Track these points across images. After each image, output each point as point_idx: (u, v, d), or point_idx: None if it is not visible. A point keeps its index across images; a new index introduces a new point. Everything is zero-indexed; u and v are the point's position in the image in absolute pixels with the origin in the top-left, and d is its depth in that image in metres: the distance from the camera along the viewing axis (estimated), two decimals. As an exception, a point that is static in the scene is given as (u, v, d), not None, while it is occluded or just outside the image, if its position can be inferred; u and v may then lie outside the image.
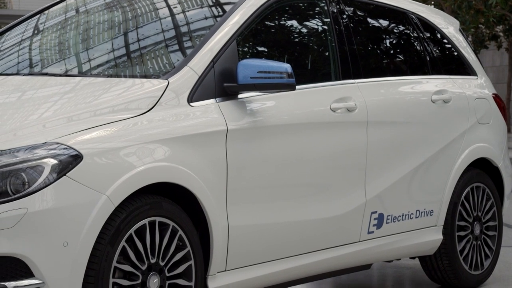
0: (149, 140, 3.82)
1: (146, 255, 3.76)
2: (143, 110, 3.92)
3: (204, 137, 4.00)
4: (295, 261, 4.42)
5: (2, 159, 3.50)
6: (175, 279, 3.87)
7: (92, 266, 3.57)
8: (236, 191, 4.11)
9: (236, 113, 4.16)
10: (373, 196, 4.76)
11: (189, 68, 4.12)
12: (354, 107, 4.70)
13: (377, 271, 5.92)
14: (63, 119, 3.76)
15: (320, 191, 4.52)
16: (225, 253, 4.06)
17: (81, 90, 4.08)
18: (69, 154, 3.58)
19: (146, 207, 3.76)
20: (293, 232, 4.38)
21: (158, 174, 3.80)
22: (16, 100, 4.04)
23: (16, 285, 3.43)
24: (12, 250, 3.42)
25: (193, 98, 4.08)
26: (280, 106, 4.37)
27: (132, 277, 3.73)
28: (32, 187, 3.49)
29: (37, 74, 4.43)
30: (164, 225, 3.84)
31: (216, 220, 4.00)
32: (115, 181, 3.65)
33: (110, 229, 3.63)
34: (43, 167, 3.52)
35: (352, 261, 4.75)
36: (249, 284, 4.23)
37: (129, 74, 4.31)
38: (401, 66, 5.32)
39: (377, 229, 4.81)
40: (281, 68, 4.19)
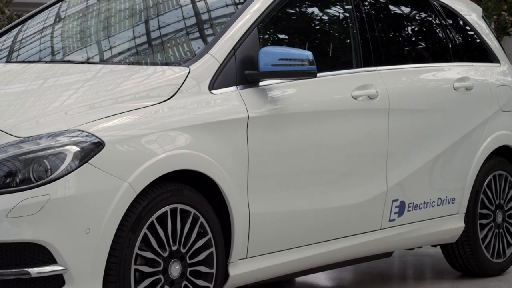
0: (170, 127, 3.83)
1: (167, 242, 3.77)
2: (164, 98, 3.92)
3: (225, 125, 4.01)
4: (316, 249, 4.42)
5: (25, 146, 3.53)
6: (196, 266, 3.88)
7: (114, 253, 3.59)
8: (257, 178, 4.11)
9: (257, 101, 4.16)
10: (395, 184, 4.75)
11: (210, 55, 4.12)
12: (375, 94, 4.69)
13: (398, 259, 5.91)
14: (85, 106, 3.77)
15: (341, 178, 4.51)
16: (246, 240, 4.07)
17: (102, 77, 4.10)
18: (91, 142, 3.59)
19: (167, 195, 3.77)
20: (314, 220, 4.38)
21: (179, 162, 3.81)
22: (38, 88, 4.06)
23: (39, 271, 3.45)
24: (35, 236, 3.44)
25: (214, 85, 4.08)
26: (301, 93, 4.36)
27: (154, 264, 3.74)
28: (54, 174, 3.51)
29: (59, 62, 4.45)
30: (186, 212, 3.85)
31: (237, 207, 4.00)
32: (137, 168, 3.66)
33: (131, 216, 3.65)
34: (65, 154, 3.54)
35: (373, 249, 4.74)
36: (270, 271, 4.24)
37: (150, 61, 4.32)
38: (423, 53, 5.29)
39: (398, 217, 4.80)
40: (302, 56, 4.18)
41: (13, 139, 3.56)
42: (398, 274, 5.61)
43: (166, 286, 3.77)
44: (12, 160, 3.50)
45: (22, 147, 3.53)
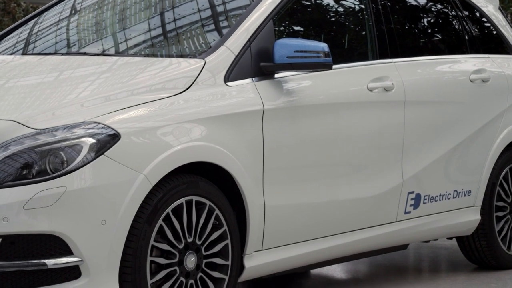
0: (185, 119, 3.83)
1: (183, 234, 3.78)
2: (179, 90, 3.93)
3: (240, 117, 4.00)
4: (331, 241, 4.41)
5: (41, 138, 3.54)
6: (211, 258, 3.89)
7: (130, 245, 3.60)
8: (273, 170, 4.11)
9: (272, 93, 4.16)
10: (410, 176, 4.74)
11: (226, 47, 4.12)
12: (391, 86, 4.67)
13: (413, 252, 5.91)
14: (100, 98, 3.78)
15: (357, 171, 4.50)
16: (262, 232, 4.07)
17: (118, 69, 4.10)
18: (107, 133, 3.60)
19: (183, 186, 3.78)
20: (329, 212, 4.38)
21: (195, 154, 3.82)
22: (53, 80, 4.08)
23: (55, 262, 3.47)
24: (51, 228, 3.46)
25: (230, 77, 4.08)
26: (316, 85, 4.36)
27: (169, 256, 3.75)
28: (70, 166, 3.52)
29: (74, 54, 4.46)
30: (201, 204, 3.86)
31: (253, 199, 4.00)
32: (152, 160, 3.67)
33: (147, 208, 3.65)
34: (81, 146, 3.55)
35: (388, 241, 4.74)
36: (285, 263, 4.24)
37: (165, 53, 4.32)
38: (439, 45, 5.27)
39: (414, 209, 4.79)
40: (318, 48, 4.17)
41: (29, 131, 3.57)
42: (414, 267, 5.60)
43: (182, 277, 3.78)
44: (29, 152, 3.51)
45: (39, 139, 3.54)
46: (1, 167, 3.49)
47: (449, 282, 5.02)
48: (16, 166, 3.49)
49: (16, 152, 3.51)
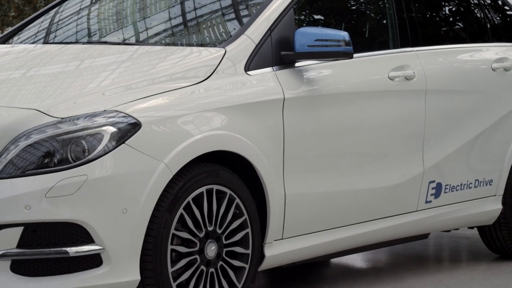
0: (206, 108, 3.84)
1: (203, 223, 3.79)
2: (200, 79, 3.93)
3: (261, 106, 4.00)
4: (351, 230, 4.41)
5: (63, 127, 3.55)
6: (232, 247, 3.90)
7: (151, 233, 3.61)
8: (293, 159, 4.11)
9: (293, 82, 4.15)
10: (431, 165, 4.72)
11: (246, 36, 4.12)
12: (412, 75, 4.65)
13: (434, 241, 5.89)
14: (121, 87, 3.79)
15: (377, 160, 4.49)
16: (282, 221, 4.07)
17: (138, 58, 4.11)
18: (128, 122, 3.61)
19: (203, 175, 3.78)
20: (350, 201, 4.37)
21: (215, 143, 3.82)
22: (74, 69, 4.09)
23: (77, 250, 3.49)
24: (73, 216, 3.47)
25: (250, 66, 4.07)
26: (337, 74, 4.34)
27: (190, 244, 3.76)
28: (92, 154, 3.53)
29: (95, 43, 4.47)
30: (221, 193, 3.86)
31: (273, 188, 4.00)
32: (173, 149, 3.68)
33: (168, 197, 3.66)
34: (102, 135, 3.56)
35: (409, 231, 4.73)
36: (305, 253, 4.24)
37: (186, 42, 4.32)
38: (460, 33, 5.24)
39: (435, 198, 4.78)
40: (339, 36, 4.16)
41: (51, 119, 3.59)
42: (434, 256, 5.59)
43: (202, 266, 3.79)
44: (50, 140, 3.53)
45: (60, 128, 3.55)
46: (23, 156, 3.51)
47: (470, 271, 5.00)
48: (38, 155, 3.51)
49: (38, 141, 3.52)
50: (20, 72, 4.10)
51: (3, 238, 3.46)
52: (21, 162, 3.50)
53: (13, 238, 3.46)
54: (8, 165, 3.51)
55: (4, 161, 3.51)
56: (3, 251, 3.46)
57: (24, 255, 3.46)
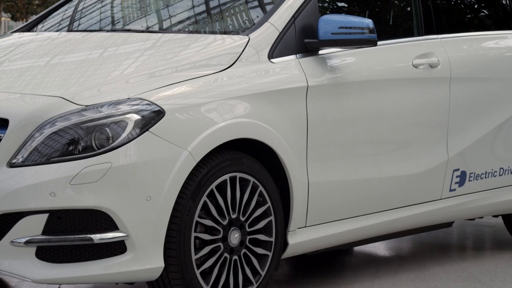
0: (229, 96, 3.84)
1: (227, 210, 3.79)
2: (223, 66, 3.93)
3: (284, 94, 4.00)
4: (375, 218, 4.40)
5: (87, 114, 3.57)
6: (255, 235, 3.90)
7: (175, 220, 3.62)
8: (316, 147, 4.10)
9: (316, 70, 4.14)
10: (456, 153, 4.70)
11: (270, 24, 4.11)
12: (437, 63, 4.63)
13: (457, 229, 5.87)
14: (145, 75, 3.80)
15: (401, 148, 4.48)
16: (305, 209, 4.07)
17: (161, 46, 4.11)
18: (152, 110, 3.62)
19: (227, 163, 3.79)
20: (374, 189, 4.36)
21: (239, 130, 3.82)
22: (98, 57, 4.10)
23: (101, 237, 3.51)
24: (98, 203, 3.49)
25: (274, 54, 4.07)
26: (360, 62, 4.33)
27: (214, 232, 3.77)
28: (116, 142, 3.55)
29: (119, 31, 4.48)
30: (245, 181, 3.86)
31: (296, 176, 4.00)
32: (197, 136, 3.68)
33: (191, 184, 3.67)
34: (126, 122, 3.57)
35: (433, 219, 4.71)
36: (328, 240, 4.24)
37: (209, 30, 4.32)
38: (485, 20, 5.19)
39: (459, 187, 4.75)
40: (363, 24, 4.14)
41: (75, 107, 3.60)
42: (458, 245, 5.57)
43: (226, 253, 3.80)
44: (75, 128, 3.54)
45: (84, 115, 3.57)
46: (48, 143, 3.53)
47: (494, 260, 4.98)
48: (63, 142, 3.53)
49: (63, 128, 3.54)
50: (44, 60, 4.12)
51: (28, 224, 3.48)
52: (46, 150, 3.52)
53: (38, 225, 3.49)
54: (33, 152, 3.53)
55: (29, 148, 3.53)
56: (29, 237, 3.48)
57: (49, 241, 3.49)
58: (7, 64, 4.12)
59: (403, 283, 4.47)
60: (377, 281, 4.52)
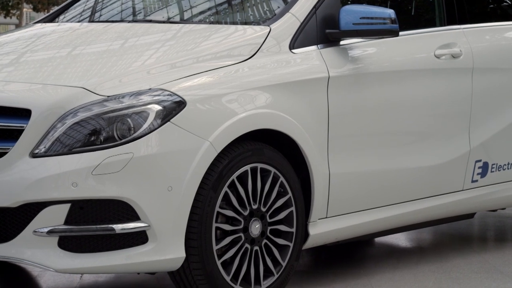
0: (250, 87, 3.83)
1: (248, 201, 3.80)
2: (245, 57, 3.92)
3: (305, 84, 3.99)
4: (396, 209, 4.39)
5: (109, 105, 3.58)
6: (276, 225, 3.90)
7: (196, 211, 3.63)
8: (337, 138, 4.09)
9: (337, 60, 4.13)
10: (478, 144, 4.67)
11: (291, 14, 4.10)
12: (459, 53, 4.60)
13: (479, 221, 5.84)
14: (166, 66, 3.80)
15: (423, 139, 4.46)
16: (326, 200, 4.07)
17: (182, 37, 4.12)
18: (173, 100, 3.63)
19: (248, 154, 3.79)
20: (395, 180, 4.35)
21: (260, 121, 3.82)
22: (119, 47, 4.11)
23: (123, 227, 3.52)
24: (119, 193, 3.50)
25: (295, 45, 4.06)
26: (381, 53, 4.31)
27: (235, 222, 3.77)
28: (137, 132, 3.55)
29: (139, 21, 4.48)
30: (266, 172, 3.86)
31: (317, 167, 3.99)
32: (218, 127, 3.68)
33: (213, 175, 3.67)
34: (148, 113, 3.58)
35: (454, 210, 4.69)
36: (349, 231, 4.24)
37: (230, 21, 4.31)
38: (508, 10, 5.15)
39: (481, 178, 4.73)
40: (384, 14, 4.12)
41: (97, 97, 3.61)
42: (479, 236, 5.55)
43: (247, 244, 3.80)
44: (97, 118, 3.55)
45: (106, 106, 3.58)
46: (70, 133, 3.54)
47: (516, 252, 4.96)
48: (84, 133, 3.54)
49: (85, 119, 3.55)
50: (66, 50, 4.13)
51: (50, 214, 3.50)
52: (68, 140, 3.54)
53: (61, 214, 3.50)
54: (55, 142, 3.54)
55: (51, 138, 3.55)
56: (51, 227, 3.50)
57: (71, 231, 3.50)
58: (29, 55, 4.14)
59: (424, 274, 4.46)
60: (398, 272, 4.51)
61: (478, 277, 4.43)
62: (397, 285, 4.27)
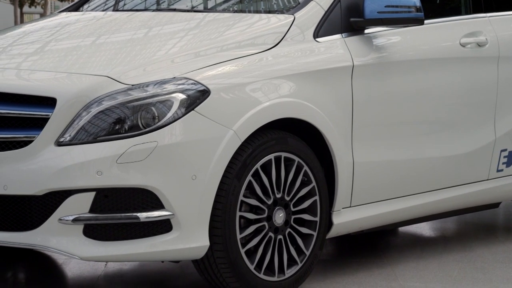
0: (274, 75, 3.83)
1: (271, 190, 3.79)
2: (268, 46, 3.92)
3: (329, 73, 3.98)
4: (420, 199, 4.37)
5: (133, 94, 3.59)
6: (300, 214, 3.90)
7: (220, 200, 3.63)
8: (361, 127, 4.08)
9: (361, 49, 4.11)
10: (503, 133, 4.64)
11: (315, 3, 4.08)
12: (485, 42, 4.56)
13: (504, 210, 5.81)
14: (190, 54, 3.80)
15: (448, 128, 4.43)
16: (350, 189, 4.06)
17: (206, 26, 4.11)
18: (197, 89, 3.63)
19: (271, 143, 3.78)
20: (419, 169, 4.33)
21: (284, 110, 3.81)
22: (143, 36, 4.12)
23: (147, 216, 3.53)
24: (144, 182, 3.51)
25: (319, 33, 4.04)
26: (406, 41, 4.29)
27: (258, 211, 3.77)
28: (161, 121, 3.56)
29: (163, 10, 4.48)
30: (290, 161, 3.86)
31: (341, 156, 3.99)
32: (242, 116, 3.68)
33: (236, 164, 3.67)
34: (172, 102, 3.58)
35: (479, 200, 4.67)
36: (373, 221, 4.23)
37: (253, 9, 4.30)
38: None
39: (506, 167, 4.70)
40: (410, 2, 4.10)
41: (121, 86, 3.62)
42: (504, 226, 5.51)
43: (270, 233, 3.81)
44: (121, 107, 3.56)
45: (131, 94, 3.59)
46: (95, 122, 3.56)
47: (541, 242, 4.93)
48: (109, 121, 3.56)
49: (109, 107, 3.56)
50: (90, 39, 4.14)
51: (76, 202, 3.52)
52: (92, 129, 3.55)
53: (86, 203, 3.52)
54: (80, 131, 3.56)
55: (76, 127, 3.56)
56: (76, 215, 3.52)
57: (96, 219, 3.52)
58: (53, 44, 4.15)
59: (449, 264, 4.44)
60: (422, 262, 4.49)
61: (503, 267, 4.41)
62: (421, 275, 4.26)
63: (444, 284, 4.12)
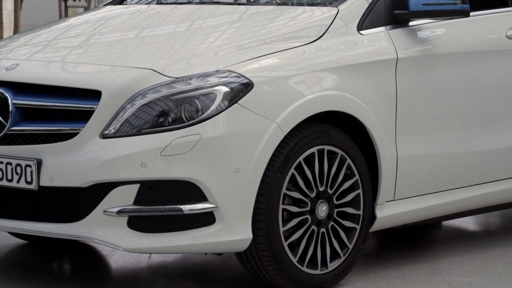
0: (317, 68, 3.82)
1: (314, 183, 3.79)
2: (312, 39, 3.90)
3: (373, 66, 3.95)
4: (464, 193, 4.33)
5: (177, 86, 3.60)
6: (343, 207, 3.89)
7: (263, 192, 3.63)
8: (405, 120, 4.05)
9: (406, 41, 4.08)
10: (550, 127, 4.57)
11: (359, -5, 4.06)
12: (531, 34, 4.50)
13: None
14: (233, 47, 3.80)
15: (492, 121, 4.38)
16: (394, 182, 4.03)
17: (248, 19, 4.12)
18: (240, 82, 3.63)
19: (314, 136, 3.77)
20: (463, 163, 4.29)
21: (327, 103, 3.80)
22: (186, 29, 4.13)
23: (191, 208, 3.55)
24: (187, 174, 3.53)
25: (363, 26, 4.02)
26: (451, 34, 4.25)
27: (301, 204, 3.77)
28: (205, 114, 3.57)
29: (207, 3, 4.49)
30: (333, 154, 3.85)
31: (385, 149, 3.96)
32: (285, 109, 3.67)
33: (279, 157, 3.67)
34: (215, 95, 3.59)
35: (525, 194, 4.61)
36: (416, 214, 4.20)
37: (297, 2, 4.29)
38: None
39: (553, 161, 4.63)
40: (455, -6, 4.06)
41: (165, 79, 3.64)
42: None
43: (313, 226, 3.80)
44: (165, 100, 3.58)
45: (174, 87, 3.60)
46: (139, 115, 3.58)
47: None
48: (153, 114, 3.57)
49: (153, 100, 3.58)
50: (133, 32, 4.17)
51: (120, 194, 3.55)
52: (137, 121, 3.57)
53: (130, 195, 3.55)
54: (124, 124, 3.58)
55: (121, 120, 3.59)
56: (121, 207, 3.55)
57: (140, 211, 3.55)
58: (98, 37, 4.19)
59: (494, 258, 4.40)
60: (466, 256, 4.45)
61: (549, 262, 4.35)
62: (466, 269, 4.22)
63: (489, 278, 4.08)
